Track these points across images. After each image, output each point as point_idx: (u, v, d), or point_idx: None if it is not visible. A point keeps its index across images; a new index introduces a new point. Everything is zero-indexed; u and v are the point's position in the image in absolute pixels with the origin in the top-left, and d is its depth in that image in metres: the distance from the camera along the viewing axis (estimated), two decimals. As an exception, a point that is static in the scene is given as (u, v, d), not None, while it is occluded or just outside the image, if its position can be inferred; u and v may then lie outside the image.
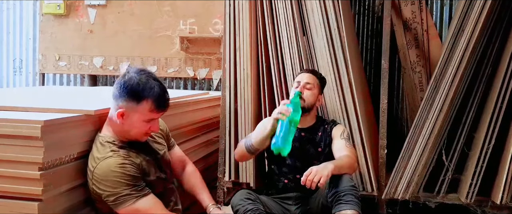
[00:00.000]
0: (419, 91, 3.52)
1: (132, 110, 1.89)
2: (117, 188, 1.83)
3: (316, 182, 2.10)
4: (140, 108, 1.89)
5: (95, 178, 1.85)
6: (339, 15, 2.79)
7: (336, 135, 2.52)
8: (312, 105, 2.54)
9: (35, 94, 2.87)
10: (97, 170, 1.85)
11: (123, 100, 1.89)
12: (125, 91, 1.88)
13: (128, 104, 1.89)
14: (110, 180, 1.82)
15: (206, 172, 3.34)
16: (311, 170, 2.14)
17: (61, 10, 4.33)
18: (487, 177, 2.64)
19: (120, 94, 1.89)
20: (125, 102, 1.89)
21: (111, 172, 1.83)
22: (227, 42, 2.92)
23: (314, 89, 2.54)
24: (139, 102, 1.88)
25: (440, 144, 2.72)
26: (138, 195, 1.85)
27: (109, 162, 1.84)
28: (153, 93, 1.88)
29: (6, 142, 1.72)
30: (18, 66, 4.80)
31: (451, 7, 3.97)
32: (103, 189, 1.84)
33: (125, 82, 1.88)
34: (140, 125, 1.93)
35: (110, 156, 1.86)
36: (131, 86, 1.87)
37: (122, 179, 1.83)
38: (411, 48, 3.54)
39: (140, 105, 1.89)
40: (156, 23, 4.22)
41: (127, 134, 1.95)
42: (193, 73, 4.20)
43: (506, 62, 2.58)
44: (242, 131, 2.89)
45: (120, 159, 1.86)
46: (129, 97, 1.88)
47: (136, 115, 1.90)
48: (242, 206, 2.27)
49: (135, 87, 1.87)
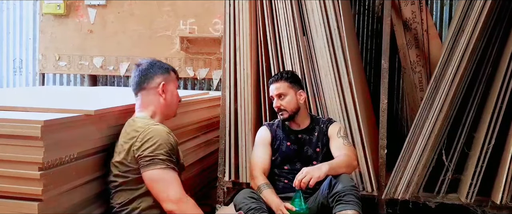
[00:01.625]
0: (419, 91, 3.52)
1: (168, 81, 2.18)
2: (159, 150, 1.94)
3: (306, 183, 2.15)
4: (171, 77, 2.21)
5: (140, 138, 1.95)
6: (339, 15, 2.79)
7: (333, 134, 2.53)
8: (296, 108, 2.54)
9: (35, 94, 2.86)
10: (146, 131, 1.97)
11: (159, 76, 2.15)
12: (156, 68, 2.16)
13: (164, 77, 2.16)
14: (158, 140, 1.95)
15: (206, 172, 3.34)
16: (302, 171, 2.21)
17: (61, 10, 4.33)
18: (487, 177, 2.64)
19: (155, 72, 2.15)
20: (161, 76, 2.16)
21: (159, 134, 1.97)
22: (227, 42, 2.92)
23: (288, 94, 2.53)
24: (169, 73, 2.20)
25: (440, 144, 2.72)
26: (170, 166, 1.96)
27: (159, 127, 2.01)
28: (169, 65, 2.25)
29: (6, 142, 1.72)
30: (18, 66, 4.80)
31: (451, 7, 3.97)
32: (148, 146, 1.94)
33: (149, 63, 2.17)
34: (176, 94, 2.23)
35: (156, 124, 2.04)
36: (155, 63, 2.19)
37: (167, 144, 1.97)
38: (411, 48, 3.55)
39: (171, 75, 2.21)
40: (156, 23, 4.22)
41: (169, 109, 2.20)
42: (193, 73, 4.20)
43: (506, 62, 2.58)
44: (242, 131, 2.89)
45: (167, 128, 2.05)
46: (162, 71, 2.17)
47: (171, 84, 2.20)
48: (245, 205, 2.28)
49: (158, 62, 2.21)
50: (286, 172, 2.54)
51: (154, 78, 2.14)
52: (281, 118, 2.55)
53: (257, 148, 2.58)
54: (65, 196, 1.84)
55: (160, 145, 1.94)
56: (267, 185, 2.41)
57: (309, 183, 2.16)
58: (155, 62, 2.19)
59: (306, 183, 2.16)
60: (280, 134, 2.58)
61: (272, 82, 2.57)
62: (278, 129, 2.60)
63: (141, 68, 2.16)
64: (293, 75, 2.62)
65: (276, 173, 2.56)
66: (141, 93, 2.14)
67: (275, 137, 2.58)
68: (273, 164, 2.56)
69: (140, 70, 2.15)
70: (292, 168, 2.53)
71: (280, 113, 2.54)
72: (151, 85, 2.13)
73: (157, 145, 1.94)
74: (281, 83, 2.53)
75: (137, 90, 2.15)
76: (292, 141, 2.56)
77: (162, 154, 1.94)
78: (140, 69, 2.15)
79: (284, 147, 2.55)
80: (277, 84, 2.54)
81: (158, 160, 1.93)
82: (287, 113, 2.52)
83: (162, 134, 1.98)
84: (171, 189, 1.93)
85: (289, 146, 2.55)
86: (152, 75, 2.14)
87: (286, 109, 2.51)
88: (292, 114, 2.53)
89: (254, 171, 2.49)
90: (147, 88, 2.13)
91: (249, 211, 2.25)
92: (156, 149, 1.93)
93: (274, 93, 2.54)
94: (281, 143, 2.56)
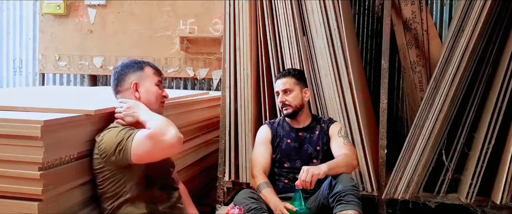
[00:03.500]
0: (419, 91, 3.52)
1: (141, 78, 2.09)
2: (119, 140, 1.88)
3: (309, 182, 2.17)
4: (146, 73, 2.10)
5: (100, 149, 1.90)
6: (339, 15, 2.79)
7: (334, 133, 2.53)
8: (301, 105, 2.55)
9: (35, 94, 2.86)
10: (101, 142, 1.92)
11: (130, 75, 2.08)
12: (128, 68, 2.10)
13: (136, 75, 2.08)
14: (112, 138, 1.90)
15: (206, 172, 3.34)
16: (303, 169, 2.22)
17: (61, 10, 4.33)
18: (487, 177, 2.64)
19: (126, 73, 2.09)
20: (133, 75, 2.08)
21: (111, 134, 1.92)
22: (227, 42, 2.92)
23: (294, 90, 2.54)
24: (142, 69, 2.11)
25: (440, 144, 2.73)
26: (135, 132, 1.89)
27: (109, 132, 1.95)
28: (145, 62, 2.16)
29: (6, 142, 1.71)
30: (18, 66, 4.80)
31: (451, 7, 3.96)
32: (109, 150, 1.88)
33: (122, 64, 2.12)
34: (154, 89, 2.11)
35: (109, 130, 1.97)
36: (128, 63, 2.12)
37: (120, 131, 1.91)
38: (411, 48, 3.54)
39: (145, 71, 2.10)
40: (156, 23, 4.22)
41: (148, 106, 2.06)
42: (193, 73, 4.19)
43: (506, 62, 2.58)
44: (242, 131, 2.90)
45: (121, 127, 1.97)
46: (133, 69, 2.09)
47: (146, 81, 2.09)
48: (246, 205, 2.28)
49: (131, 62, 2.13)
50: (286, 170, 2.54)
51: (126, 80, 2.08)
52: (285, 113, 2.55)
53: (258, 147, 2.58)
54: (65, 196, 1.84)
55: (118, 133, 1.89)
56: (266, 184, 2.41)
57: (312, 181, 2.16)
58: (128, 62, 2.13)
59: (309, 181, 2.16)
60: (281, 132, 2.59)
61: (280, 77, 2.58)
62: (279, 126, 2.61)
63: (114, 71, 2.11)
64: (300, 72, 2.64)
65: (276, 173, 2.56)
66: (118, 97, 2.10)
67: (275, 134, 2.59)
68: (273, 161, 2.56)
69: (114, 74, 2.11)
70: (292, 166, 2.53)
71: (284, 107, 2.54)
72: (124, 87, 2.08)
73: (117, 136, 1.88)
74: (288, 79, 2.54)
75: (115, 94, 2.12)
76: (292, 138, 2.56)
77: (124, 133, 1.89)
78: (113, 73, 2.11)
79: (284, 144, 2.56)
80: (284, 79, 2.55)
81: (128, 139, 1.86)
82: (291, 108, 2.52)
83: (115, 131, 1.91)
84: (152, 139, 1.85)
85: (289, 144, 2.55)
86: (123, 76, 2.08)
87: (291, 104, 2.52)
88: (296, 110, 2.53)
89: (254, 170, 2.50)
90: (122, 90, 2.08)
91: (249, 211, 2.25)
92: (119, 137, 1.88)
93: (281, 88, 2.55)
94: (281, 141, 2.57)
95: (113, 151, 1.87)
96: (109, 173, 1.93)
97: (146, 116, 1.98)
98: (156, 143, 1.85)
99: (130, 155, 1.86)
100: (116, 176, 1.92)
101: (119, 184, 1.93)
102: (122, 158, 1.87)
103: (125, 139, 1.87)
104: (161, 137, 1.85)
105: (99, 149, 1.91)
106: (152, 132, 1.86)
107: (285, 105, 2.54)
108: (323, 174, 2.21)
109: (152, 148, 1.86)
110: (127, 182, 1.94)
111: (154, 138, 1.85)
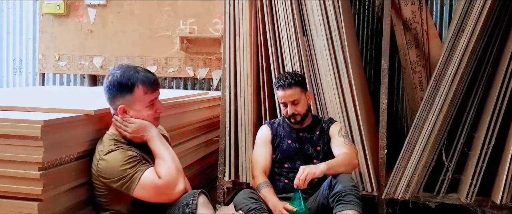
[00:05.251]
0: (419, 91, 3.52)
1: (130, 102, 1.94)
2: (123, 173, 1.83)
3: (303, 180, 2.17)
4: (136, 95, 1.93)
5: (100, 169, 1.86)
6: (339, 15, 2.79)
7: (334, 133, 2.53)
8: (307, 110, 2.55)
9: (35, 94, 2.86)
10: (102, 161, 1.86)
11: (118, 98, 1.94)
12: (116, 89, 1.93)
13: (124, 99, 1.93)
14: (115, 167, 1.84)
15: (206, 172, 3.34)
16: (300, 169, 2.22)
17: (61, 10, 4.32)
18: (487, 177, 2.64)
19: (113, 95, 1.94)
20: (121, 99, 1.93)
21: (115, 160, 1.85)
22: (227, 42, 2.92)
23: (301, 99, 2.49)
24: (132, 91, 1.92)
25: (440, 144, 2.73)
26: (143, 170, 1.84)
27: (113, 153, 1.87)
28: (139, 77, 1.93)
29: (6, 142, 1.72)
30: (18, 66, 4.79)
31: (451, 7, 3.96)
32: (110, 177, 1.84)
33: (111, 82, 1.94)
34: (145, 111, 1.96)
35: (113, 148, 1.89)
36: (117, 82, 1.92)
37: (126, 162, 1.84)
38: (411, 48, 3.54)
39: (135, 94, 1.93)
40: (156, 23, 4.22)
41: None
42: (193, 73, 4.19)
43: (506, 62, 2.58)
44: (242, 131, 2.90)
45: (122, 150, 1.89)
46: (122, 92, 1.92)
47: (136, 104, 1.94)
48: (246, 205, 2.28)
49: (120, 80, 1.92)
50: (287, 171, 2.54)
51: (113, 102, 1.95)
52: (294, 122, 2.52)
53: (258, 147, 2.58)
54: (65, 196, 1.84)
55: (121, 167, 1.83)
56: (266, 183, 2.41)
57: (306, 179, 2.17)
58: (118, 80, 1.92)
59: (303, 180, 2.17)
60: (281, 132, 2.59)
61: (285, 88, 2.45)
62: (279, 127, 2.61)
63: (104, 84, 1.96)
64: (302, 77, 2.57)
65: (277, 173, 2.56)
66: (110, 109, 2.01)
67: (275, 135, 2.59)
68: (274, 161, 2.56)
69: (103, 88, 1.97)
70: (292, 166, 2.52)
71: (292, 117, 2.50)
72: (112, 107, 1.97)
73: (119, 171, 1.83)
74: (295, 90, 2.45)
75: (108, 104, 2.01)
76: (293, 139, 2.56)
77: (128, 170, 1.83)
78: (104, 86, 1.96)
79: (285, 144, 2.56)
80: (290, 91, 2.45)
81: (130, 180, 1.83)
82: (300, 116, 2.51)
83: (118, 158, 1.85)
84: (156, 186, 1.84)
85: (290, 144, 2.55)
86: (110, 98, 1.95)
87: (300, 113, 2.50)
88: (304, 117, 2.53)
89: (254, 170, 2.49)
90: (111, 109, 1.99)
91: (249, 212, 2.24)
92: (121, 174, 1.83)
93: (289, 100, 2.47)
94: (281, 141, 2.57)
95: (115, 180, 1.84)
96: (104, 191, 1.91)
97: (156, 148, 1.93)
98: (162, 195, 1.85)
99: (132, 192, 1.84)
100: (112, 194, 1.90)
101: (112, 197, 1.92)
102: (123, 189, 1.85)
103: (131, 174, 1.83)
104: (169, 190, 1.85)
105: (99, 167, 1.87)
106: (163, 183, 1.83)
107: (294, 115, 2.50)
108: (321, 173, 2.21)
109: (157, 196, 1.86)
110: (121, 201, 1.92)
111: (162, 190, 1.84)
